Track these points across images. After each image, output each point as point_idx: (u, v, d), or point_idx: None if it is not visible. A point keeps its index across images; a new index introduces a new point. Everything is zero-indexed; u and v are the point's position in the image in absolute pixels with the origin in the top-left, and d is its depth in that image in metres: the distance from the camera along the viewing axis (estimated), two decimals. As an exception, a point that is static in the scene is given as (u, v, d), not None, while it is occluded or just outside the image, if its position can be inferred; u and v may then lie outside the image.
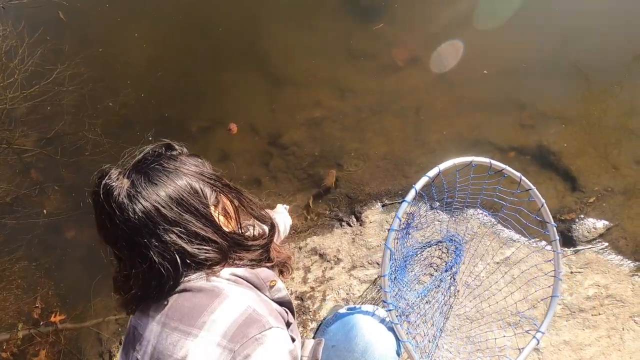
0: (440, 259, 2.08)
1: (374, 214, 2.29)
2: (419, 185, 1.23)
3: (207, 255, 0.65)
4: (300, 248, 2.27)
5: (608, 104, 2.45)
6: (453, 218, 2.12)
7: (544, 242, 2.05)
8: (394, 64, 2.81)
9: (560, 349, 1.75)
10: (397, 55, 2.84)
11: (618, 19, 2.64)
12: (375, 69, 2.81)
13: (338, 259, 2.15)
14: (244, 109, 2.87)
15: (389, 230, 1.20)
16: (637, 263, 1.97)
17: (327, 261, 2.15)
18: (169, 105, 2.96)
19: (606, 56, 2.54)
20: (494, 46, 2.71)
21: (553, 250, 1.38)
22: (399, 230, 1.30)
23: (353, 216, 2.32)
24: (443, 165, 1.22)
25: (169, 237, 0.63)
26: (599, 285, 1.90)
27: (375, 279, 2.03)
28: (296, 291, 2.05)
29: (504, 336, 1.65)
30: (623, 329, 1.80)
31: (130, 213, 0.62)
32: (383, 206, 2.31)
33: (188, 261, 0.64)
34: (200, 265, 0.65)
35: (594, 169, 2.23)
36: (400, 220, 1.23)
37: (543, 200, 1.33)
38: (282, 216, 1.58)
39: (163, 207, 0.63)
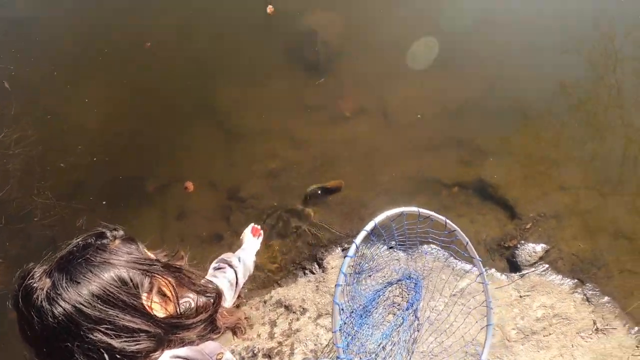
0: (401, 297, 2.14)
1: (335, 258, 2.35)
2: (358, 239, 1.31)
3: (138, 347, 0.62)
4: (265, 302, 2.25)
5: (536, 136, 2.75)
6: (409, 255, 2.22)
7: (492, 270, 2.19)
8: (342, 114, 3.01)
9: (520, 374, 1.83)
10: (344, 106, 3.06)
11: (542, 55, 2.98)
12: (326, 120, 3.00)
13: (304, 308, 2.15)
14: (201, 165, 2.91)
15: (335, 286, 1.25)
16: (575, 280, 2.15)
17: (293, 312, 2.15)
18: (123, 166, 2.95)
19: (533, 92, 2.84)
20: (430, 91, 3.00)
21: (481, 282, 1.50)
22: (346, 285, 1.36)
23: (315, 263, 2.36)
24: (378, 218, 1.32)
25: (94, 336, 0.59)
26: (545, 306, 2.04)
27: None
28: (263, 348, 2.01)
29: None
30: (572, 346, 1.93)
31: (49, 317, 0.58)
32: (343, 250, 2.38)
33: (118, 356, 0.61)
34: (132, 357, 0.62)
35: (528, 196, 2.46)
36: (345, 276, 1.29)
37: (467, 239, 1.47)
38: (238, 267, 1.42)
39: (86, 307, 0.60)
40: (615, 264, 2.18)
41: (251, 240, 1.54)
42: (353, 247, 1.27)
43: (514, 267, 2.22)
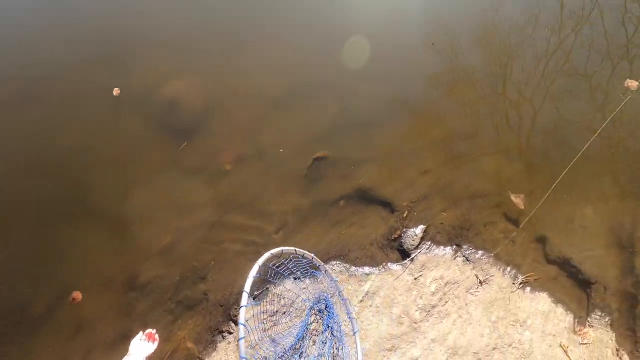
0: (317, 322, 2.22)
1: (247, 310, 2.33)
2: (247, 286, 1.35)
3: None
4: (189, 383, 2.13)
5: (391, 136, 3.12)
6: (313, 280, 2.32)
7: (389, 264, 2.40)
8: (222, 169, 3.10)
9: (432, 349, 2.01)
10: (223, 161, 3.15)
11: (380, 68, 3.46)
12: (208, 179, 3.05)
13: (228, 373, 2.09)
14: (86, 268, 2.71)
15: (237, 340, 1.24)
16: (454, 247, 2.46)
17: (219, 382, 2.07)
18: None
19: (379, 101, 3.24)
20: (297, 125, 3.25)
21: (343, 299, 1.67)
22: (251, 332, 1.37)
23: (230, 321, 2.33)
24: (260, 260, 1.44)
25: None
26: (436, 279, 2.29)
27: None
28: None
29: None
30: (466, 305, 2.18)
31: None
32: (254, 298, 2.39)
33: None
34: None
35: (398, 189, 2.77)
36: (245, 326, 1.30)
37: (326, 267, 1.62)
38: None
39: None
40: (479, 220, 2.55)
41: (138, 347, 1.54)
42: (244, 296, 1.31)
43: (404, 254, 2.46)
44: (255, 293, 2.43)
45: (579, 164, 2.66)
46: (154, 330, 1.59)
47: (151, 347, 1.55)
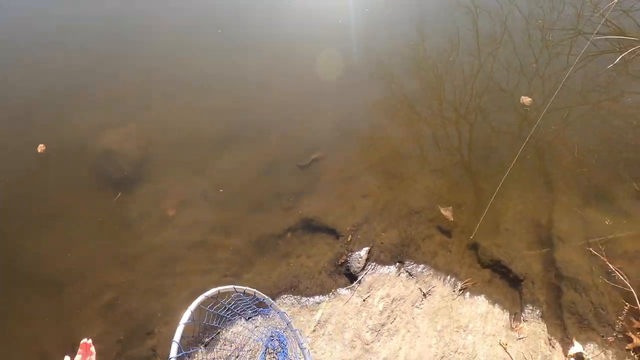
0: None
1: (199, 359, 2.26)
2: (177, 336, 1.27)
3: None
4: None
5: (331, 166, 3.27)
6: (264, 317, 2.31)
7: (338, 289, 2.46)
8: (166, 215, 3.04)
9: (384, 368, 2.05)
10: (166, 207, 3.10)
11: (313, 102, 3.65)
12: (152, 227, 2.97)
13: None
14: (20, 343, 2.48)
15: None
16: (397, 264, 2.58)
17: None
18: None
19: (317, 132, 3.40)
20: (237, 164, 3.29)
21: (293, 330, 1.71)
22: None
23: (181, 376, 2.21)
24: (192, 306, 1.35)
25: None
26: (383, 297, 2.38)
27: None
28: None
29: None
30: (413, 318, 2.28)
31: None
32: (205, 346, 2.32)
33: None
34: None
35: (341, 215, 2.89)
36: None
37: (272, 301, 1.66)
38: None
39: None
40: (417, 236, 2.72)
41: None
42: (174, 347, 1.21)
43: (351, 277, 2.54)
44: (206, 340, 2.36)
45: (500, 172, 2.97)
46: (89, 340, 1.42)
47: None
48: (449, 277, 2.51)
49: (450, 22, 3.95)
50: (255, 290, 1.63)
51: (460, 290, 2.43)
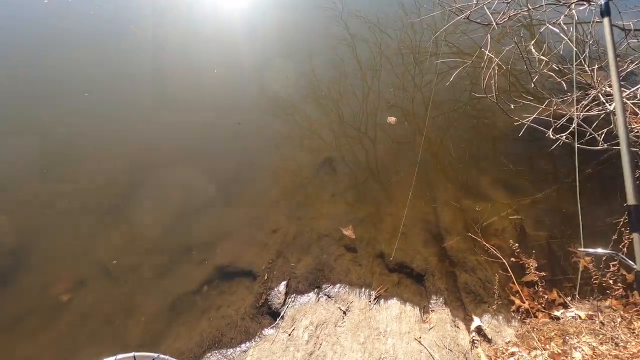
0: None
1: None
2: None
3: None
4: None
5: (235, 206, 3.30)
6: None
7: (264, 331, 2.45)
8: (59, 303, 2.71)
9: (318, 396, 2.10)
10: (58, 292, 2.76)
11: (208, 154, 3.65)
12: (41, 323, 2.61)
13: None
14: None
15: None
16: (315, 290, 2.69)
17: None
18: None
19: (217, 180, 3.41)
20: (136, 233, 3.12)
21: None
22: None
23: None
24: None
25: None
26: (307, 327, 2.45)
27: None
28: None
29: None
30: (338, 339, 2.39)
31: None
32: None
33: None
34: None
35: (254, 255, 2.92)
36: None
37: None
38: None
39: None
40: (329, 258, 2.88)
41: None
42: None
43: (274, 315, 2.56)
44: None
45: (387, 183, 3.34)
46: None
47: None
48: (363, 289, 2.70)
49: (335, 54, 4.40)
50: (158, 354, 1.55)
51: (374, 299, 2.63)
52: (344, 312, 2.53)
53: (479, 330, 2.50)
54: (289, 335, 2.41)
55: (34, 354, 2.48)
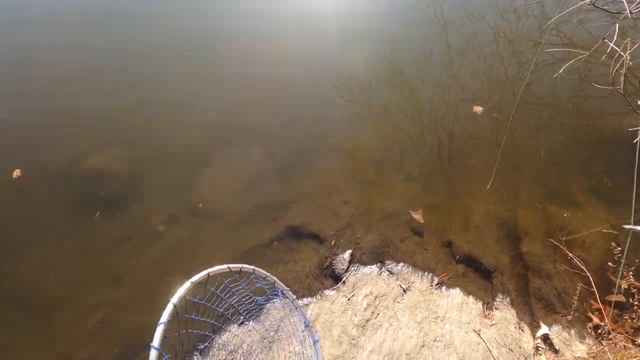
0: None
1: (194, 366, 2.36)
2: (156, 341, 1.19)
3: None
4: None
5: (311, 177, 3.46)
6: (257, 321, 2.43)
7: (326, 291, 2.61)
8: (156, 232, 3.14)
9: (370, 358, 2.21)
10: (154, 223, 3.20)
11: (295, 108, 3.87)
12: (140, 244, 3.06)
13: None
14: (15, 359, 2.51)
15: None
16: (378, 264, 2.77)
17: None
18: None
19: (296, 145, 3.61)
20: (222, 179, 3.45)
21: (296, 307, 1.83)
22: None
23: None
24: (174, 299, 1.29)
25: None
26: (367, 295, 2.55)
27: None
28: None
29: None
30: (395, 313, 2.45)
31: None
32: (200, 354, 2.42)
33: None
34: None
35: (324, 222, 3.06)
36: None
37: (274, 277, 1.75)
38: None
39: None
40: (395, 237, 2.91)
41: None
42: (152, 354, 1.15)
43: (336, 279, 2.70)
44: (200, 347, 2.45)
45: (464, 174, 3.23)
46: None
47: None
48: (426, 273, 2.70)
49: (423, 38, 4.28)
50: (254, 267, 1.58)
51: (437, 284, 2.62)
52: (404, 290, 2.58)
53: (545, 338, 2.38)
54: (348, 299, 2.53)
55: (128, 271, 2.92)
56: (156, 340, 1.12)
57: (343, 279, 2.66)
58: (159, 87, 4.19)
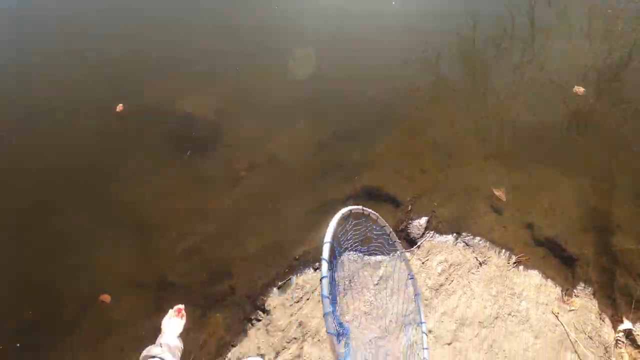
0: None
1: (274, 299, 2.58)
2: (325, 253, 1.24)
3: None
4: (225, 367, 2.33)
5: (392, 143, 3.46)
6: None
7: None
8: (238, 175, 3.35)
9: (442, 321, 2.28)
10: (238, 168, 3.42)
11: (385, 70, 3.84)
12: (225, 185, 3.30)
13: (261, 355, 2.30)
14: (116, 273, 2.89)
15: (324, 315, 1.17)
16: (454, 234, 2.77)
17: (254, 363, 2.27)
18: (26, 308, 2.76)
19: (383, 107, 3.62)
20: (303, 133, 3.56)
21: (403, 260, 1.90)
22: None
23: (258, 310, 2.55)
24: (333, 222, 1.35)
25: None
26: (441, 262, 2.58)
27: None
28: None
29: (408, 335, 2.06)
30: (469, 282, 2.48)
31: None
32: (278, 288, 2.63)
33: None
34: None
35: (401, 187, 3.08)
36: (327, 298, 1.20)
37: (390, 229, 1.82)
38: (163, 353, 1.44)
39: None
40: (474, 211, 2.88)
41: (170, 324, 1.63)
42: (324, 265, 1.19)
43: (411, 242, 2.75)
44: (280, 284, 2.66)
45: (554, 157, 3.07)
46: (182, 306, 1.71)
47: (181, 322, 1.65)
48: (503, 251, 2.67)
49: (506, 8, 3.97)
50: (378, 215, 1.66)
51: (514, 263, 2.59)
52: (480, 263, 2.57)
53: (628, 333, 2.29)
54: (423, 263, 2.59)
55: (214, 208, 3.17)
56: (325, 254, 1.20)
57: (418, 244, 2.70)
58: (257, 40, 4.27)
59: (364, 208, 1.49)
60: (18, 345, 2.58)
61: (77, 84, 4.13)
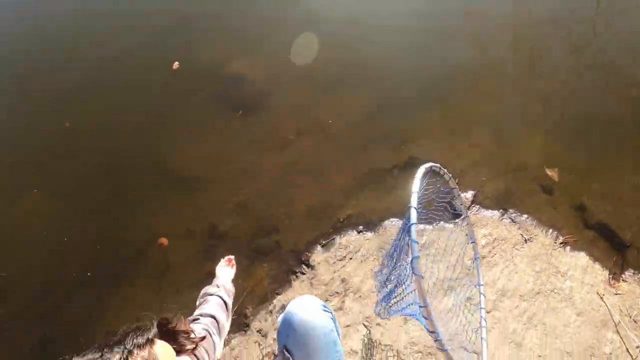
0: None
1: (318, 255, 2.71)
2: (413, 201, 1.19)
3: None
4: (270, 311, 2.52)
5: (442, 115, 3.42)
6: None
7: (441, 223, 2.73)
8: (286, 138, 3.46)
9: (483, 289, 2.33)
10: (286, 131, 3.51)
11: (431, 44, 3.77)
12: (274, 147, 3.41)
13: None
14: (171, 221, 3.11)
15: (413, 258, 1.08)
16: (501, 210, 2.76)
17: (298, 310, 2.44)
18: (95, 244, 3.05)
19: (432, 79, 3.58)
20: (351, 101, 3.58)
21: (467, 224, 1.94)
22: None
23: (302, 265, 2.70)
24: (421, 170, 1.31)
25: None
26: (486, 235, 2.60)
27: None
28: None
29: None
30: (512, 257, 2.50)
31: None
32: (322, 246, 2.76)
33: None
34: None
35: (448, 160, 3.07)
36: (417, 243, 1.13)
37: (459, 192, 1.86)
38: (220, 291, 1.58)
39: None
40: (522, 189, 2.84)
41: (224, 270, 1.87)
42: (413, 214, 1.14)
43: (456, 215, 2.77)
44: (323, 242, 2.78)
45: (616, 143, 2.93)
46: (233, 256, 1.97)
47: (232, 271, 1.91)
48: (550, 231, 2.64)
49: None
50: (451, 176, 1.66)
51: (561, 243, 2.57)
52: (525, 240, 2.57)
53: (676, 321, 2.25)
54: (466, 235, 2.61)
55: (263, 167, 3.29)
56: (414, 202, 1.17)
57: (463, 216, 2.72)
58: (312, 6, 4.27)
59: (441, 167, 1.50)
60: (89, 274, 2.89)
61: (139, 42, 4.31)
